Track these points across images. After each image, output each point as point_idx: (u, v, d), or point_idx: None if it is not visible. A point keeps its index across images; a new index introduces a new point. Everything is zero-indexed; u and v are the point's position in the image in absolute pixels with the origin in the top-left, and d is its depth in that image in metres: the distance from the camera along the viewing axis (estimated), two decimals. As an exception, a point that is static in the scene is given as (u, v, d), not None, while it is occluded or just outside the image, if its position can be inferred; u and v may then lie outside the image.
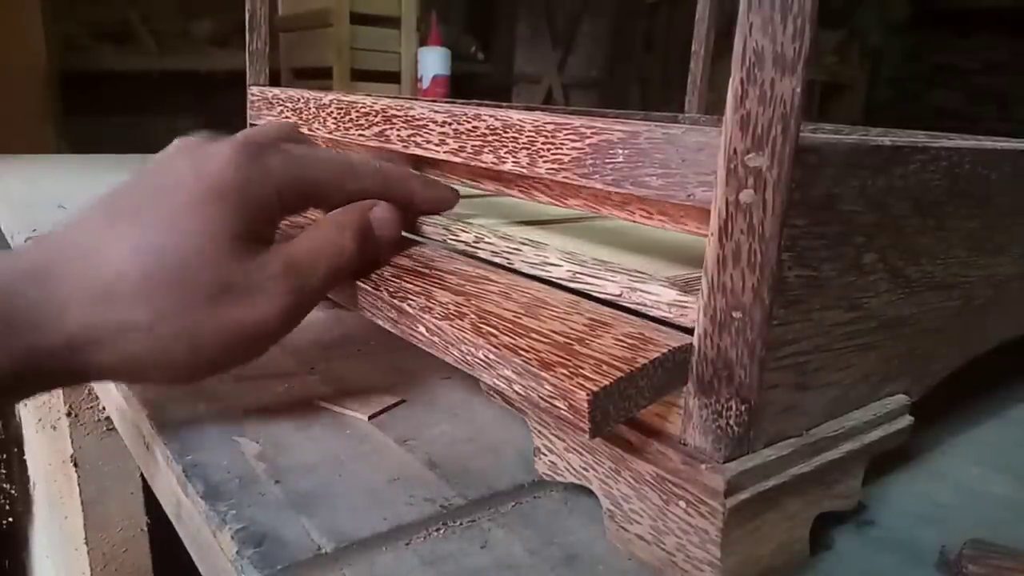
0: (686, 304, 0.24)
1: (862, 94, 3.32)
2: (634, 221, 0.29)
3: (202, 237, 0.28)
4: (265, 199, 0.31)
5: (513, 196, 0.35)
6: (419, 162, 0.41)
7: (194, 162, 0.30)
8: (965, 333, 0.35)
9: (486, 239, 0.30)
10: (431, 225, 0.34)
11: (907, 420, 0.30)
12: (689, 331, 0.24)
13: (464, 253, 0.32)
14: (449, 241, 0.32)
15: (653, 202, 0.27)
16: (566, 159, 0.28)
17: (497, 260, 0.29)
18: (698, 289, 0.23)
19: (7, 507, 0.84)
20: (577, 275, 0.26)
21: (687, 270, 0.28)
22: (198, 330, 0.28)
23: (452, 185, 0.37)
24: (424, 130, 0.35)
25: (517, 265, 0.28)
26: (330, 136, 0.43)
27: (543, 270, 0.27)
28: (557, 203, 0.32)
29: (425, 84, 1.90)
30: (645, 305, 0.24)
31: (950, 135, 0.54)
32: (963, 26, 3.31)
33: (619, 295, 0.25)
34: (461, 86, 2.11)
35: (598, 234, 0.35)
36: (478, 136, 0.32)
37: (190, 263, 0.28)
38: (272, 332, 0.30)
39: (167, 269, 0.28)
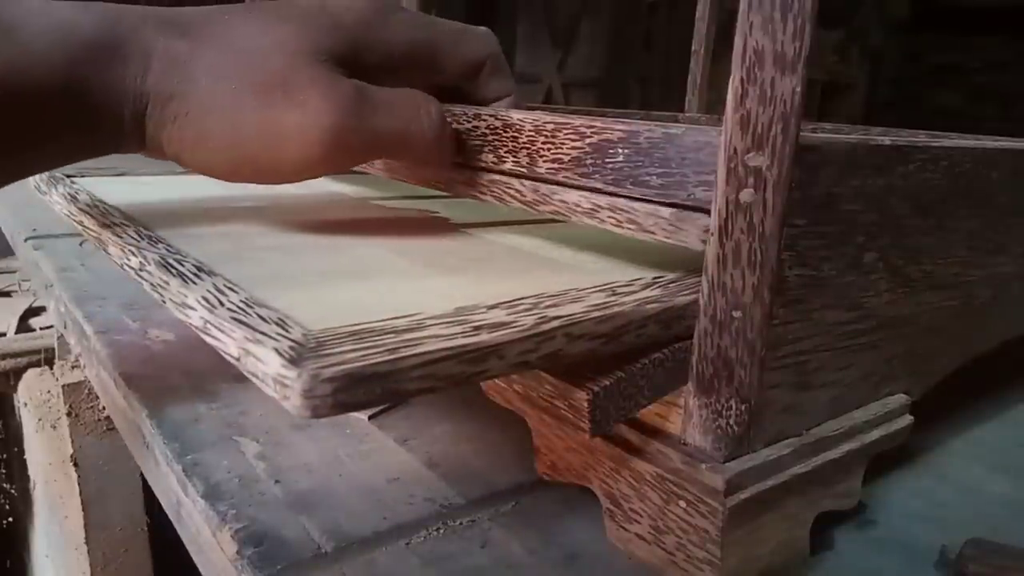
0: (287, 382, 0.17)
1: (863, 94, 3.32)
2: (604, 228, 0.27)
3: (289, 36, 0.29)
4: (382, 43, 0.31)
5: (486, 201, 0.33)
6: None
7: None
8: (965, 333, 0.35)
9: (147, 268, 0.26)
10: (114, 246, 0.29)
11: (907, 420, 0.30)
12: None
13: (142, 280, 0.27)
14: (124, 266, 0.28)
15: (623, 210, 0.26)
16: (566, 159, 0.28)
17: (155, 295, 0.25)
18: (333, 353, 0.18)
19: (7, 507, 0.84)
20: (207, 324, 0.21)
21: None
22: (241, 118, 0.28)
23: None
24: (424, 130, 0.35)
25: (166, 302, 0.24)
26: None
27: (182, 312, 0.23)
28: (530, 209, 0.30)
29: (425, 84, 1.90)
30: (257, 377, 0.19)
31: (951, 135, 0.54)
32: (964, 26, 3.31)
33: (238, 358, 0.19)
34: (461, 86, 2.10)
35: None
36: (478, 136, 0.32)
37: (261, 50, 0.28)
38: (312, 146, 0.28)
39: (238, 51, 0.28)
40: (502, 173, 0.31)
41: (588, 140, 0.27)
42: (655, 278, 0.27)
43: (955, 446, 0.37)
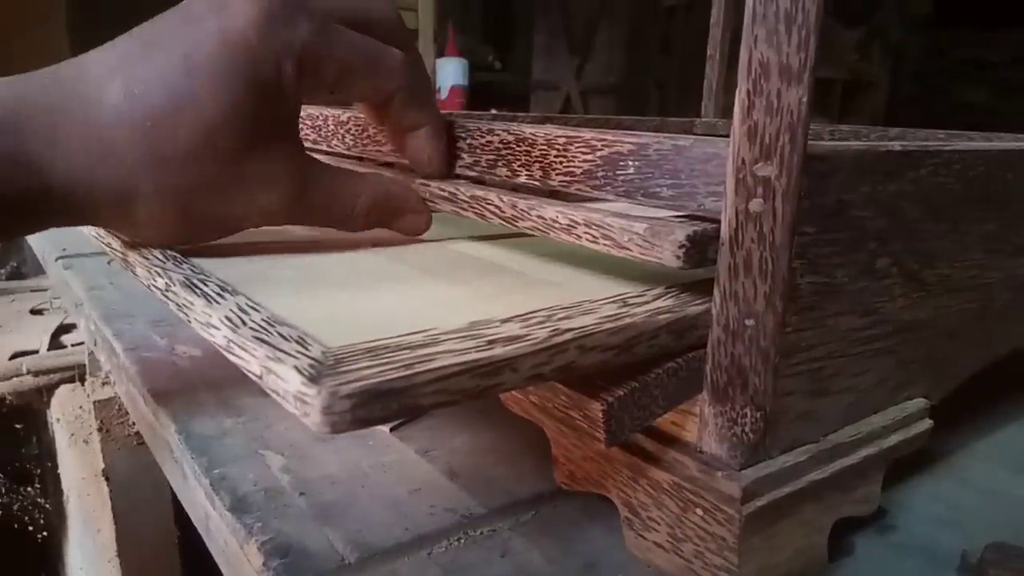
0: (307, 399, 0.18)
1: (885, 91, 3.28)
2: (580, 244, 0.27)
3: (212, 121, 0.27)
4: (281, 84, 0.28)
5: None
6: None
7: (217, 14, 0.28)
8: (985, 335, 0.35)
9: (172, 288, 0.26)
10: (141, 267, 0.30)
11: (926, 424, 0.30)
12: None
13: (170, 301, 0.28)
14: (151, 286, 0.29)
15: (598, 226, 0.25)
16: (578, 171, 0.28)
17: (180, 314, 0.26)
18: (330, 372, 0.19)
19: (42, 521, 0.86)
20: (231, 343, 0.21)
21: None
22: (194, 213, 0.29)
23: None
24: (439, 145, 0.36)
25: (191, 322, 0.25)
26: (348, 153, 0.44)
27: (207, 332, 0.23)
28: (509, 225, 0.30)
29: (443, 95, 1.91)
30: (278, 394, 0.19)
31: (972, 133, 0.53)
32: (987, 19, 3.26)
33: (259, 376, 0.20)
34: (479, 95, 2.12)
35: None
36: (492, 150, 0.32)
37: (197, 147, 0.27)
38: (267, 222, 0.31)
39: (174, 146, 0.27)
40: (516, 187, 0.31)
41: (599, 153, 0.27)
42: (667, 288, 0.27)
43: (976, 449, 0.36)
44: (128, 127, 0.27)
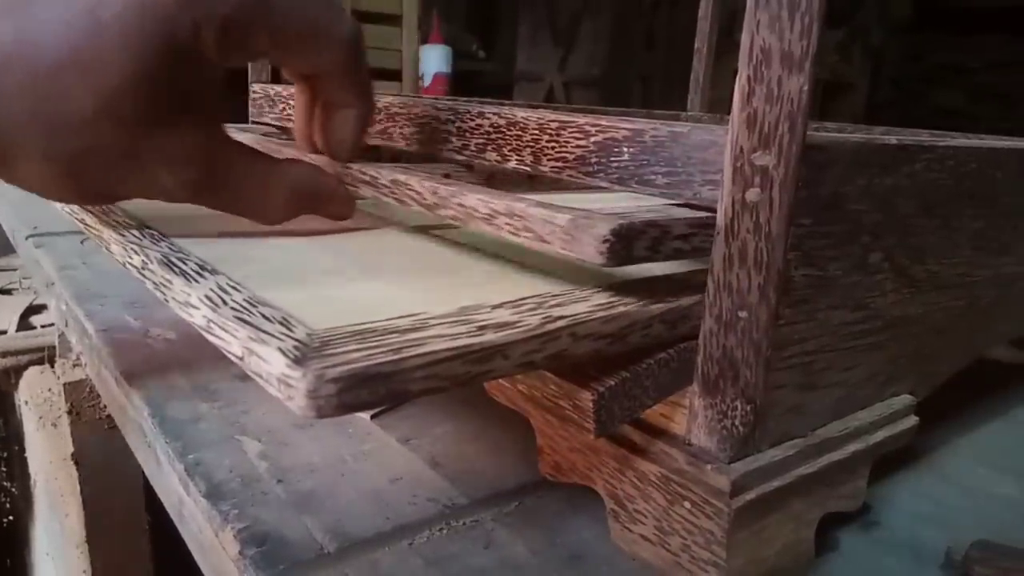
0: (292, 382, 0.17)
1: (864, 93, 3.31)
2: (500, 236, 0.26)
3: (114, 87, 0.24)
4: (199, 53, 0.26)
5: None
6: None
7: None
8: (971, 333, 0.35)
9: (149, 267, 0.25)
10: (116, 244, 0.29)
11: (912, 420, 0.30)
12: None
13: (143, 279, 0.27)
14: (126, 264, 0.28)
15: (519, 216, 0.24)
16: (571, 157, 0.28)
17: (157, 293, 0.25)
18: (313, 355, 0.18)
19: (7, 505, 0.84)
20: (211, 324, 0.21)
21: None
22: (83, 180, 0.26)
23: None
24: (427, 128, 0.35)
25: (169, 301, 0.24)
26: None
27: (185, 311, 0.22)
28: (430, 213, 0.29)
29: (426, 82, 1.90)
30: (260, 377, 0.18)
31: (953, 134, 0.53)
32: (965, 25, 3.30)
33: (241, 358, 0.19)
34: (462, 84, 2.11)
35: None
36: (481, 134, 0.31)
37: (93, 112, 0.24)
38: (168, 201, 0.28)
39: (67, 107, 0.24)
40: (506, 172, 0.31)
41: (593, 139, 0.27)
42: (658, 278, 0.27)
43: (960, 447, 0.36)
44: (16, 72, 0.24)
